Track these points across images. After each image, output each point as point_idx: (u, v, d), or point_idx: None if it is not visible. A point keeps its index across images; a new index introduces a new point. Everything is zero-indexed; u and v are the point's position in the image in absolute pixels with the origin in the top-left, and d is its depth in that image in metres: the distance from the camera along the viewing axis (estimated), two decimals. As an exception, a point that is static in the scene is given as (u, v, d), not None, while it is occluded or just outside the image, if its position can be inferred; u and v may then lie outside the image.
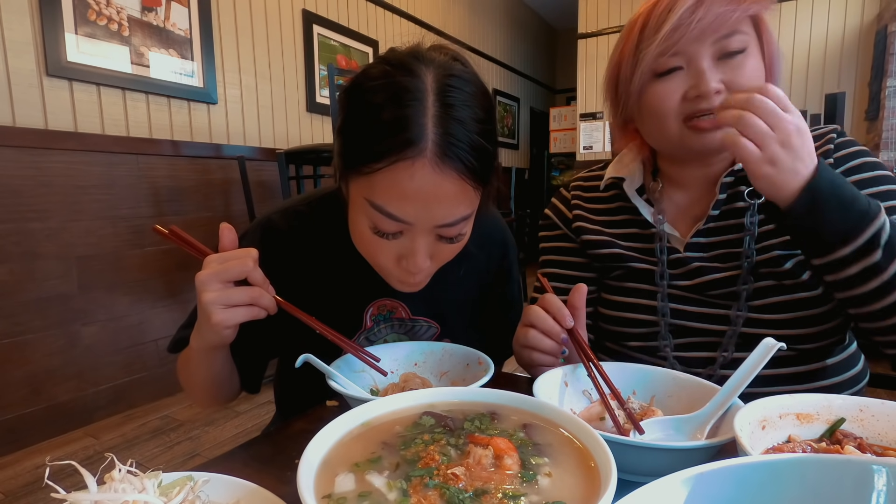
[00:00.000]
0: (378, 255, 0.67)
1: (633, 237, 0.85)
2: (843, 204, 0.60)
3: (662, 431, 0.55)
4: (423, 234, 0.63)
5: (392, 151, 0.58)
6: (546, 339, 0.67)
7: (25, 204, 2.09)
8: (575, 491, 0.36)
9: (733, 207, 0.78)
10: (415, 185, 0.58)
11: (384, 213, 0.61)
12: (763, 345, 0.55)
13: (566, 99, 7.69)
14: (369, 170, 0.60)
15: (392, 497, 0.35)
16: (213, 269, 0.59)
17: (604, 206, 0.90)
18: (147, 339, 2.56)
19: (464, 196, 0.62)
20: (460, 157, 0.59)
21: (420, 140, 0.58)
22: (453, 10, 5.12)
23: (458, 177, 0.60)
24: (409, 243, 0.64)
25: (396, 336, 0.86)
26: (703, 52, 0.70)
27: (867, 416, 0.50)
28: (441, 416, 0.46)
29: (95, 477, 0.37)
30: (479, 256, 0.87)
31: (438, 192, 0.60)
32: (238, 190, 2.84)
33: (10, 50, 2.03)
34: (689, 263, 0.79)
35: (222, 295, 0.58)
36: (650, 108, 0.75)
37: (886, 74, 3.40)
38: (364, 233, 0.65)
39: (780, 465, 0.32)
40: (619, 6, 4.85)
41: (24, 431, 2.13)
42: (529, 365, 0.71)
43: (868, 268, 0.60)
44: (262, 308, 0.61)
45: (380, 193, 0.60)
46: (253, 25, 3.02)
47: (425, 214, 0.61)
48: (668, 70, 0.72)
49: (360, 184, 0.63)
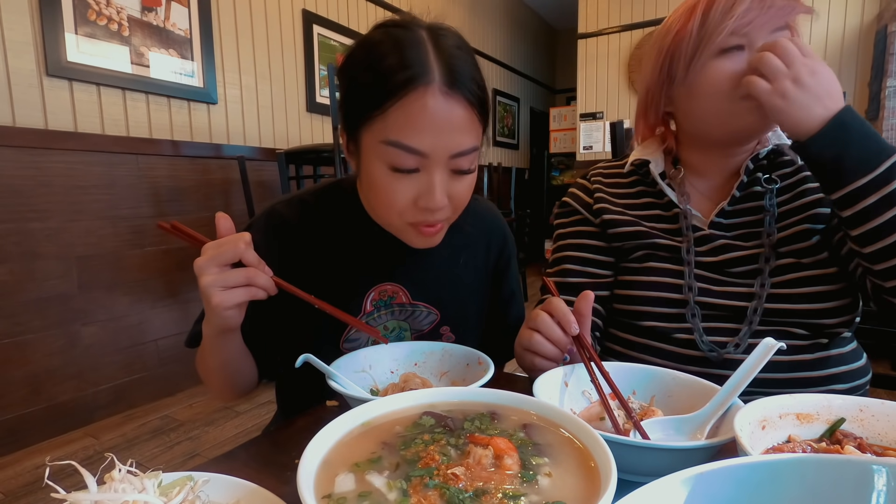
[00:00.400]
0: (396, 201, 0.68)
1: (656, 218, 0.88)
2: (865, 137, 0.65)
3: (662, 431, 0.55)
4: (438, 166, 0.66)
5: (403, 85, 0.63)
6: (550, 345, 0.67)
7: (25, 204, 2.09)
8: (575, 491, 0.36)
9: (753, 191, 0.83)
10: (427, 114, 0.63)
11: (402, 147, 0.64)
12: (763, 345, 0.55)
13: (566, 99, 7.69)
14: (382, 112, 0.64)
15: (392, 497, 0.35)
16: (208, 255, 0.61)
17: (625, 191, 0.92)
18: (147, 339, 2.56)
19: (472, 126, 0.67)
20: (466, 85, 0.65)
21: (427, 72, 0.63)
22: (453, 10, 5.12)
23: (466, 105, 0.66)
24: (426, 179, 0.67)
25: (396, 322, 0.86)
26: (763, 37, 0.73)
27: (867, 416, 0.50)
28: (441, 416, 0.46)
29: (95, 477, 0.37)
30: (479, 247, 0.91)
31: (450, 119, 0.64)
32: (238, 190, 2.84)
33: (10, 50, 2.03)
34: (714, 240, 0.82)
35: (219, 278, 0.60)
36: (710, 83, 0.76)
37: (886, 74, 3.40)
38: (380, 180, 0.68)
39: (780, 465, 0.32)
40: (619, 6, 4.85)
41: (24, 431, 2.13)
42: (531, 369, 0.71)
43: (884, 197, 0.64)
44: (260, 288, 0.63)
45: (395, 129, 0.64)
46: (253, 25, 3.02)
47: (440, 143, 0.65)
48: (732, 47, 0.74)
49: (374, 130, 0.66)
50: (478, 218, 0.91)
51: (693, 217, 0.85)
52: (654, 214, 0.88)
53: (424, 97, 0.63)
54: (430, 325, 0.87)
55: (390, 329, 0.86)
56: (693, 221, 0.85)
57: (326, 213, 0.83)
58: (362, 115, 0.67)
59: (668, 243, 0.84)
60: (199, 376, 0.81)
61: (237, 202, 2.90)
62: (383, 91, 0.64)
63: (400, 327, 0.86)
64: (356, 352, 0.74)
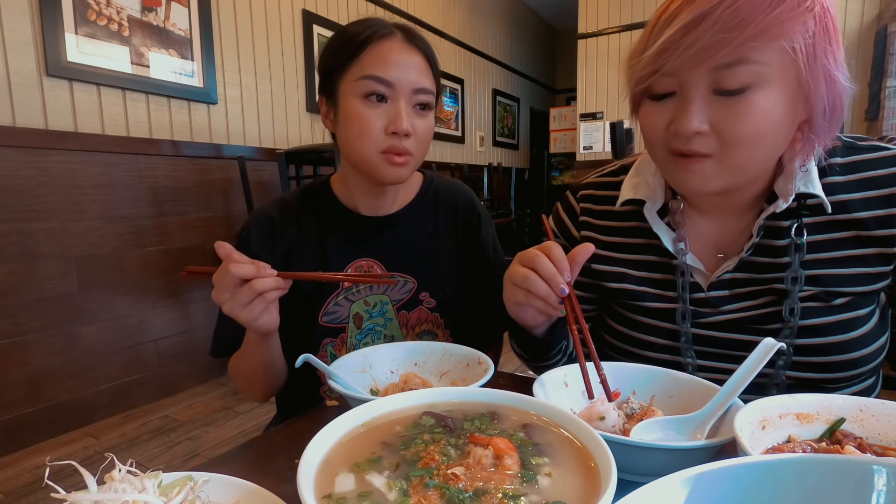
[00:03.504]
0: (369, 128, 0.81)
1: (649, 266, 0.77)
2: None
3: (662, 431, 0.55)
4: (403, 97, 0.82)
5: (371, 37, 0.82)
6: (544, 284, 0.63)
7: (25, 204, 2.09)
8: (575, 491, 0.36)
9: (770, 245, 0.70)
10: (393, 54, 0.82)
11: (374, 78, 0.80)
12: (763, 345, 0.55)
13: (566, 99, 7.69)
14: (357, 59, 0.82)
15: (392, 497, 0.35)
16: (217, 286, 0.69)
17: (618, 225, 0.80)
18: (147, 339, 2.55)
19: (428, 74, 0.85)
20: (422, 45, 0.86)
21: (391, 29, 0.84)
22: (453, 10, 5.12)
23: (423, 57, 0.85)
24: (394, 108, 0.82)
25: (377, 297, 0.92)
26: (698, 80, 0.59)
27: (867, 416, 0.50)
28: (441, 416, 0.46)
29: (95, 477, 0.37)
30: (446, 216, 0.99)
31: (411, 60, 0.83)
32: (238, 190, 2.84)
33: (10, 50, 2.03)
34: (714, 305, 0.72)
35: (233, 301, 0.68)
36: (641, 128, 0.68)
37: (886, 74, 3.40)
38: (357, 111, 0.82)
39: (780, 465, 0.32)
40: (619, 6, 4.85)
41: (24, 431, 2.13)
42: (518, 304, 0.67)
43: None
44: (270, 290, 0.68)
45: (369, 66, 0.81)
46: (253, 25, 3.02)
47: (404, 77, 0.81)
48: (661, 95, 0.63)
49: (351, 74, 0.82)
50: (444, 189, 1.01)
51: (692, 270, 0.73)
52: (648, 262, 0.77)
53: (391, 42, 0.83)
54: (409, 293, 0.93)
55: (371, 304, 0.91)
56: (693, 277, 0.73)
57: (305, 208, 0.94)
58: (340, 68, 0.83)
59: (660, 307, 0.75)
60: (235, 382, 0.89)
61: (237, 202, 2.90)
62: (357, 44, 0.82)
63: (381, 301, 0.92)
64: (356, 352, 0.74)
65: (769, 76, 0.57)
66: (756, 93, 0.57)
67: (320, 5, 3.50)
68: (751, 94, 0.57)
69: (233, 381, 0.90)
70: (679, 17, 0.58)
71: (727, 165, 0.62)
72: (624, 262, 0.79)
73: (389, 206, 0.94)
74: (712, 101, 0.59)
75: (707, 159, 0.62)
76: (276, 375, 0.85)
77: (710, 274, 0.73)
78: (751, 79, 0.57)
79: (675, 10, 0.59)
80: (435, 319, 0.94)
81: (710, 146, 0.61)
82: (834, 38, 0.59)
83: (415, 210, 0.96)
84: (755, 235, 0.69)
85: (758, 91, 0.57)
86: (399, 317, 0.92)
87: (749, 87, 0.57)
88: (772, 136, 0.60)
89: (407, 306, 0.93)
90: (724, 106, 0.59)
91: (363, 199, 0.93)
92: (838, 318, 0.68)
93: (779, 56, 0.57)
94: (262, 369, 0.82)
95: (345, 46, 0.84)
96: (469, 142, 5.63)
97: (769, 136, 0.60)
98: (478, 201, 1.03)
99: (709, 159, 0.62)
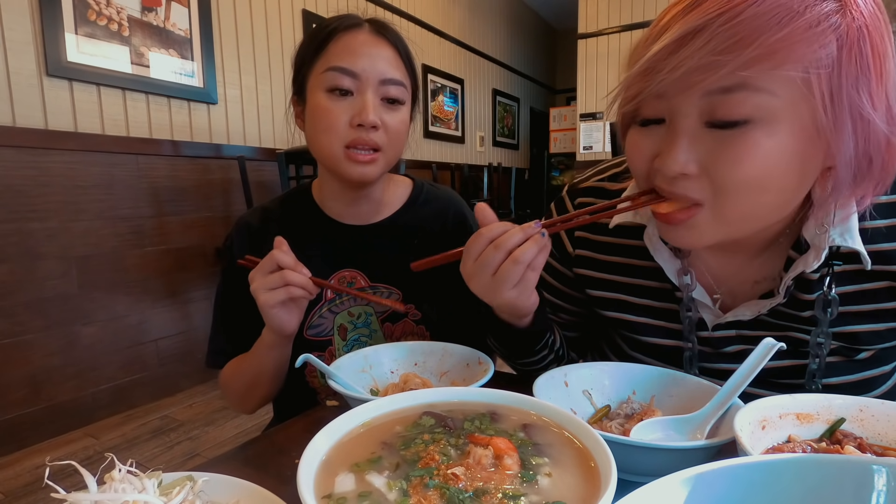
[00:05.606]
0: (334, 121, 0.78)
1: (650, 293, 0.68)
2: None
3: (662, 431, 0.55)
4: (370, 88, 0.79)
5: (338, 28, 0.80)
6: (519, 233, 0.56)
7: (25, 204, 2.09)
8: (575, 491, 0.36)
9: (793, 296, 0.60)
10: (359, 43, 0.79)
11: (339, 69, 0.78)
12: (763, 345, 0.55)
13: (566, 99, 7.69)
14: (323, 51, 0.80)
15: (392, 497, 0.35)
16: (257, 268, 0.73)
17: (617, 242, 0.70)
18: (147, 339, 2.55)
19: (398, 66, 0.82)
20: (391, 37, 0.82)
21: (359, 21, 0.82)
22: (453, 10, 5.11)
23: (393, 49, 0.81)
24: (360, 100, 0.78)
25: (361, 308, 0.89)
26: (688, 108, 0.49)
27: (867, 416, 0.50)
28: (441, 416, 0.46)
29: (95, 477, 0.37)
30: (434, 226, 0.94)
31: (378, 51, 0.80)
32: (238, 190, 2.83)
33: (10, 50, 2.03)
34: (717, 346, 0.65)
35: (262, 282, 0.72)
36: (629, 156, 0.58)
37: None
38: (321, 104, 0.79)
39: (780, 465, 0.32)
40: (619, 6, 4.85)
41: (24, 431, 2.13)
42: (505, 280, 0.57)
43: None
44: (296, 286, 0.71)
45: (335, 56, 0.79)
46: (253, 25, 3.02)
47: (370, 67, 0.78)
48: (648, 120, 0.53)
49: (317, 68, 0.80)
50: (434, 199, 0.97)
51: (699, 305, 0.65)
52: (649, 288, 0.68)
53: (357, 33, 0.80)
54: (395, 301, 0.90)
55: (356, 315, 0.90)
56: (700, 312, 0.65)
57: (286, 215, 0.93)
58: (308, 62, 0.82)
59: (663, 345, 0.68)
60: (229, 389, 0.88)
61: (237, 202, 2.90)
62: (323, 36, 0.80)
63: (365, 312, 0.90)
64: (356, 352, 0.74)
65: (775, 110, 0.46)
66: (757, 129, 0.46)
67: (320, 5, 3.50)
68: (750, 130, 0.46)
69: (226, 388, 0.89)
70: (669, 31, 0.48)
71: (723, 216, 0.51)
72: (623, 287, 0.70)
73: (373, 215, 0.91)
74: (704, 135, 0.49)
75: (697, 209, 0.51)
76: (278, 383, 0.85)
77: (720, 312, 0.64)
78: (751, 111, 0.46)
79: (667, 23, 0.49)
80: (420, 332, 0.91)
81: (701, 191, 0.50)
82: (873, 66, 0.45)
83: (402, 219, 0.92)
84: (781, 294, 0.58)
85: (760, 127, 0.46)
86: (384, 328, 0.90)
87: (749, 122, 0.46)
88: (777, 184, 0.49)
89: (392, 318, 0.90)
90: (718, 142, 0.48)
91: (338, 206, 0.90)
92: (861, 377, 0.62)
93: (789, 85, 0.45)
94: (270, 374, 0.82)
95: (312, 40, 0.82)
96: (469, 142, 5.64)
97: (773, 183, 0.48)
98: (469, 212, 0.97)
99: (699, 209, 0.51)
